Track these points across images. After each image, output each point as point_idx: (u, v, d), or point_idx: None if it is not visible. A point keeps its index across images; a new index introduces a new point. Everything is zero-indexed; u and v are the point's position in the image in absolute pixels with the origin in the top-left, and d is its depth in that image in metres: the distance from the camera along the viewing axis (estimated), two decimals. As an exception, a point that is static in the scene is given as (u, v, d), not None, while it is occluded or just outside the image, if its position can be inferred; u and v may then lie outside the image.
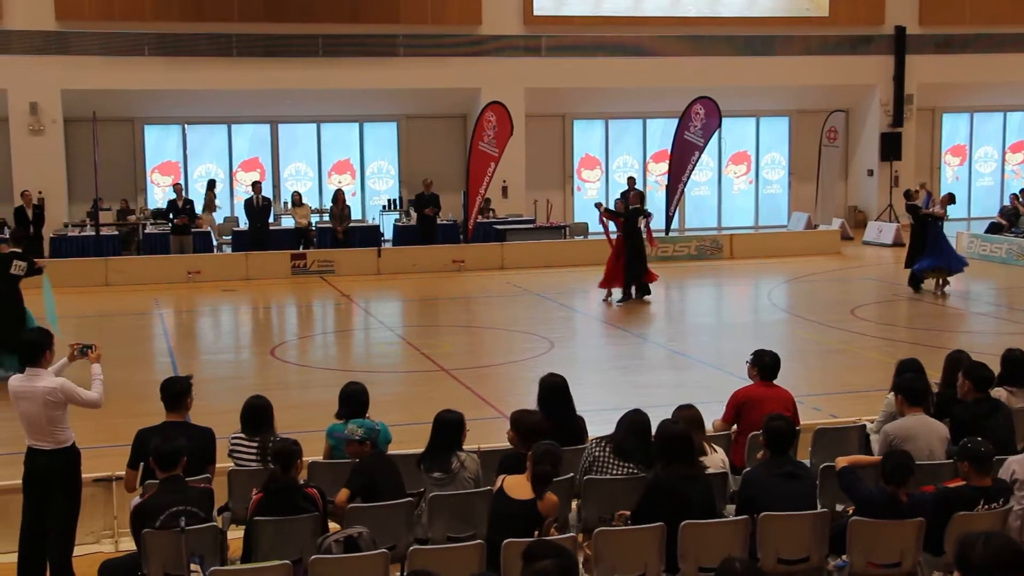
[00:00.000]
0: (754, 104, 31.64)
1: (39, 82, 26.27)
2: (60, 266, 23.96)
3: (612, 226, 20.31)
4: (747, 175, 32.74)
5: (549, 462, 7.37)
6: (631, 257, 19.98)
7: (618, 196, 22.31)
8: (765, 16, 30.70)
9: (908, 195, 22.84)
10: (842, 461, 8.13)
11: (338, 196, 26.69)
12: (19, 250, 15.41)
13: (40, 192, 25.34)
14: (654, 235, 21.25)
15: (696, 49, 29.83)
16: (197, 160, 29.30)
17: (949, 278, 20.70)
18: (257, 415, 8.73)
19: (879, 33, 31.25)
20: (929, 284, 20.79)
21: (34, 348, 8.46)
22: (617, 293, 20.28)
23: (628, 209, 20.36)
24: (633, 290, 20.30)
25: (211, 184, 27.27)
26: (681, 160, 27.06)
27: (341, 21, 27.54)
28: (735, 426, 9.40)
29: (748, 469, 8.21)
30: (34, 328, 8.62)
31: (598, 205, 21.05)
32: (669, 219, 27.68)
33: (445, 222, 27.17)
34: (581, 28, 29.40)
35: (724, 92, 27.80)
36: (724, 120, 27.58)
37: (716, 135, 27.82)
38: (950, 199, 21.52)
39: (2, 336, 14.45)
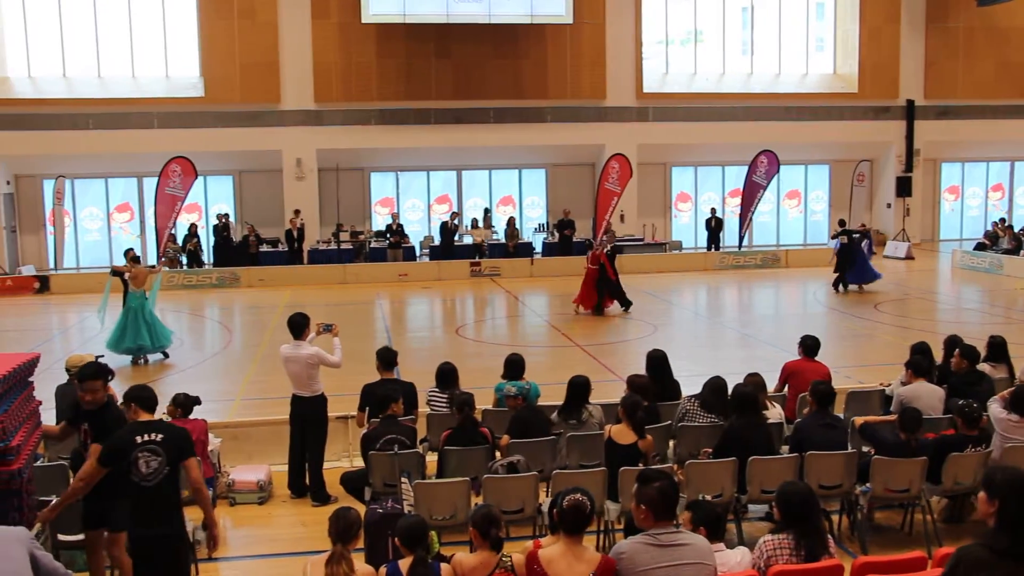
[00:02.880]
0: (803, 156, 30.86)
1: (302, 144, 27.04)
2: (314, 270, 24.84)
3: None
4: (798, 206, 32.01)
5: (640, 410, 7.29)
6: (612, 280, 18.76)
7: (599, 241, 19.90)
8: (811, 92, 30.00)
9: (842, 223, 22.44)
10: (858, 421, 8.07)
11: (510, 222, 27.10)
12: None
13: (301, 219, 26.06)
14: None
15: (761, 116, 29.29)
16: (406, 196, 29.74)
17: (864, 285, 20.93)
18: (447, 375, 8.85)
19: (895, 104, 30.29)
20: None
21: (300, 327, 8.72)
22: (599, 307, 18.77)
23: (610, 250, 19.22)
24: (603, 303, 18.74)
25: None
26: (750, 196, 26.63)
27: (507, 97, 27.71)
28: (785, 389, 9.26)
29: (798, 420, 8.08)
30: (297, 313, 8.83)
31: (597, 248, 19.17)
32: (741, 238, 27.25)
33: (579, 240, 27.12)
34: (678, 101, 29.09)
35: (781, 147, 27.20)
36: (781, 167, 27.01)
37: (775, 178, 27.29)
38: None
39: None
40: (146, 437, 5.59)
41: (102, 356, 9.07)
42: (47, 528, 5.92)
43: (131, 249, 16.09)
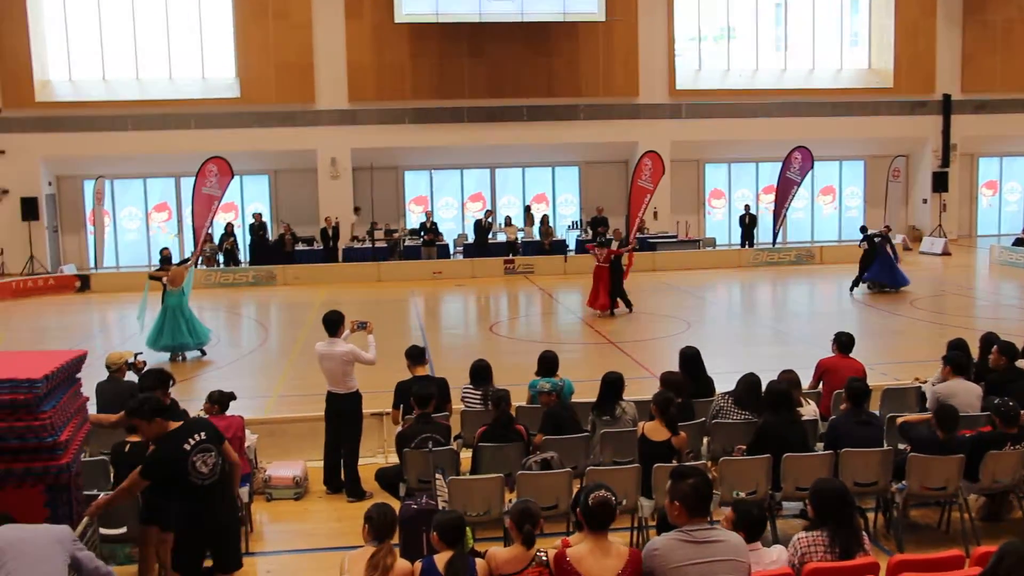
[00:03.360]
0: (838, 151, 30.53)
1: (337, 143, 27.21)
2: (349, 268, 24.98)
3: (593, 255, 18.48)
4: (833, 203, 31.67)
5: (672, 406, 7.26)
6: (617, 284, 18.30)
7: (600, 240, 19.42)
8: (846, 87, 29.67)
9: (863, 229, 21.83)
10: (899, 420, 7.96)
11: (544, 219, 27.14)
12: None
13: (336, 218, 26.21)
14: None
15: (795, 112, 29.01)
16: (440, 195, 29.79)
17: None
18: (481, 372, 8.87)
19: (931, 99, 29.82)
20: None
21: (335, 324, 8.77)
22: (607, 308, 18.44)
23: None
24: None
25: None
26: (784, 192, 26.43)
27: (540, 96, 27.70)
28: (820, 385, 9.19)
29: (833, 417, 8.01)
30: (332, 310, 8.89)
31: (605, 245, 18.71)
32: (775, 235, 27.04)
33: (612, 237, 27.01)
34: (711, 97, 28.92)
35: (816, 143, 26.97)
36: (816, 163, 26.77)
37: (810, 174, 27.04)
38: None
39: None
40: (194, 440, 5.66)
41: (141, 353, 9.20)
42: (95, 522, 6.02)
43: (166, 248, 16.29)
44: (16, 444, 5.40)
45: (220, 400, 8.03)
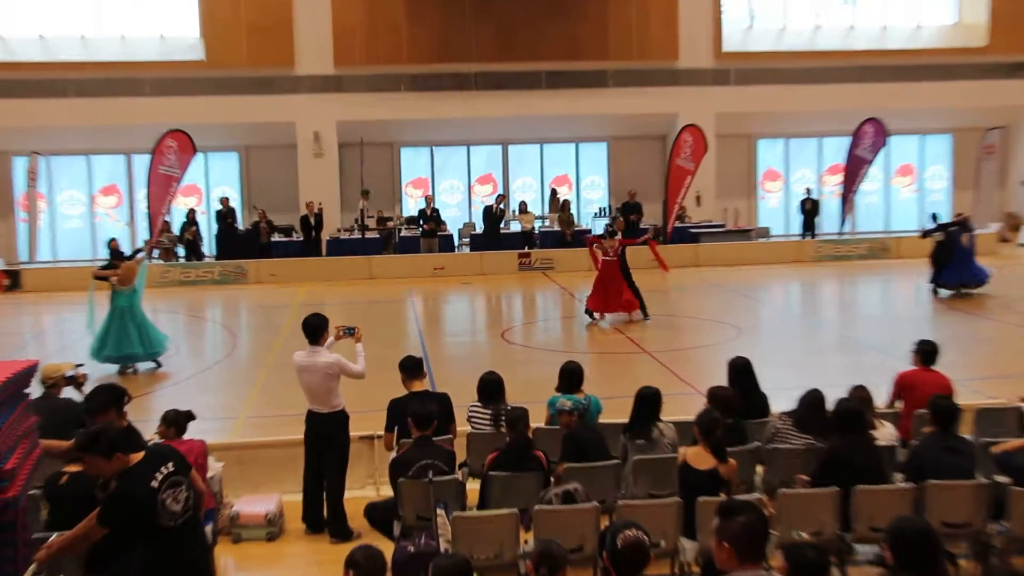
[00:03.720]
0: (919, 123, 30.46)
1: (320, 115, 27.30)
2: (334, 263, 25.02)
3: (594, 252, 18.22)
4: (912, 185, 31.63)
5: (719, 428, 7.18)
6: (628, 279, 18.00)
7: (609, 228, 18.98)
8: (927, 47, 29.55)
9: (934, 217, 21.06)
10: (996, 449, 7.82)
11: (565, 205, 27.18)
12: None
13: (320, 203, 26.24)
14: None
15: (866, 77, 28.95)
16: (442, 176, 29.87)
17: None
18: (491, 388, 8.80)
19: (1034, 59, 29.70)
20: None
21: (315, 330, 8.72)
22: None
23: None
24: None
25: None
26: (853, 173, 26.44)
27: (561, 59, 27.69)
28: (899, 404, 9.10)
29: (915, 442, 7.94)
30: (314, 314, 8.84)
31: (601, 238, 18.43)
32: (842, 224, 27.08)
33: (647, 226, 26.99)
34: (765, 61, 28.89)
35: (891, 114, 26.91)
36: (891, 138, 26.68)
37: (883, 151, 26.94)
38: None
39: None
40: (161, 473, 5.49)
41: (82, 365, 9.17)
42: (44, 569, 5.94)
43: (114, 239, 16.13)
44: None
45: (176, 421, 7.98)
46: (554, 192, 28.75)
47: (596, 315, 17.89)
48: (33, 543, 5.94)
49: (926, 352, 9.20)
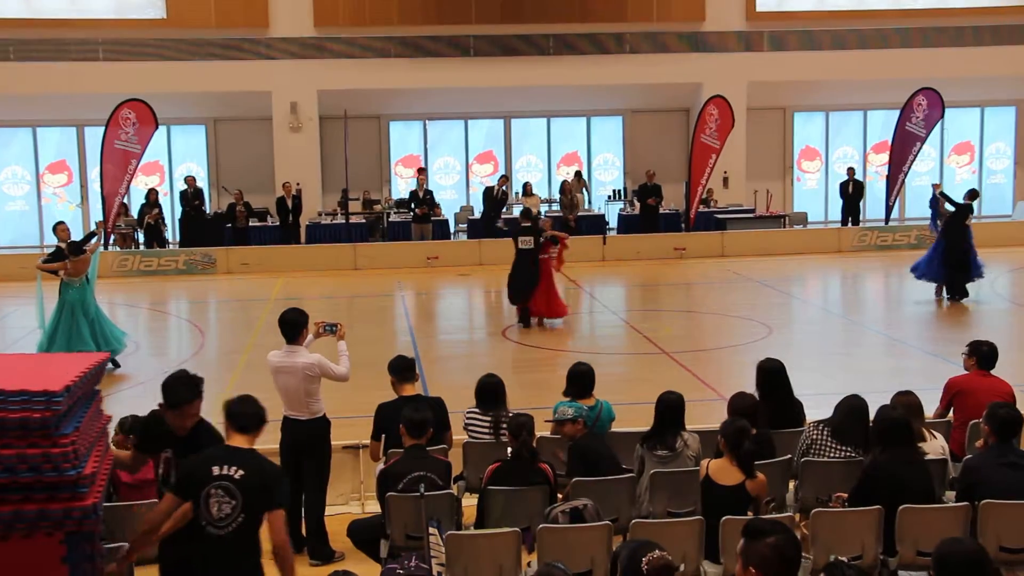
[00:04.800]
0: (979, 94, 30.38)
1: (298, 84, 27.28)
2: (314, 251, 25.05)
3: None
4: (970, 165, 31.58)
5: (747, 439, 7.22)
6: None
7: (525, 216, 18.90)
8: (990, 6, 29.41)
9: (973, 194, 20.22)
10: None
11: (564, 187, 26.94)
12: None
13: (298, 184, 26.24)
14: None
15: (919, 41, 28.84)
16: (436, 153, 29.86)
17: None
18: (490, 392, 8.85)
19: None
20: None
21: (293, 327, 8.75)
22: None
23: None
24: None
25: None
26: (902, 151, 26.32)
27: (571, 21, 27.68)
28: (951, 413, 9.12)
29: (969, 456, 7.94)
30: (292, 308, 8.89)
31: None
32: (889, 209, 26.96)
33: (667, 211, 27.04)
34: (804, 22, 28.83)
35: (947, 83, 26.78)
36: (947, 110, 26.61)
37: (938, 126, 26.89)
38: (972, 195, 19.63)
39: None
40: (224, 470, 5.87)
41: None
42: None
43: (61, 223, 15.72)
44: (29, 479, 5.22)
45: (134, 428, 8.01)
46: (578, 175, 28.40)
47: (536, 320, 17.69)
48: (108, 554, 6.01)
49: (983, 354, 9.17)
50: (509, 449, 7.86)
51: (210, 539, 5.85)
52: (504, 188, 26.66)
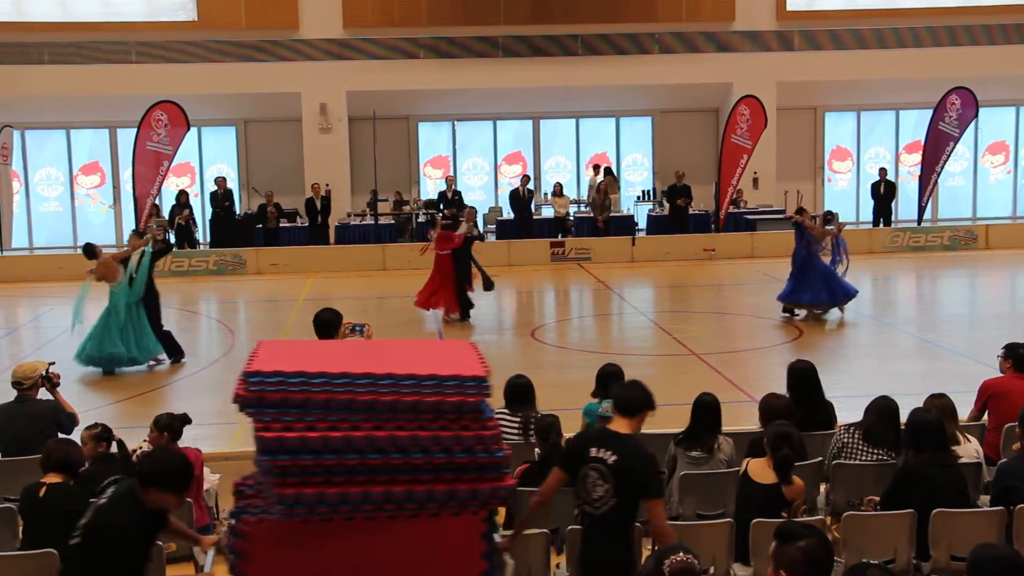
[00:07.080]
0: (1014, 93, 30.12)
1: (328, 85, 27.36)
2: (344, 252, 25.11)
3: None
4: (1005, 165, 31.33)
5: (787, 445, 7.19)
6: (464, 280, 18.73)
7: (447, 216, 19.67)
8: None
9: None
10: None
11: (599, 187, 26.93)
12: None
13: (327, 185, 26.35)
14: None
15: (953, 39, 28.64)
16: (465, 154, 29.89)
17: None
18: (520, 393, 8.86)
19: None
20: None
21: (328, 326, 8.77)
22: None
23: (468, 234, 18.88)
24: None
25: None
26: (935, 150, 26.20)
27: (600, 21, 27.67)
28: (985, 417, 9.06)
29: (1004, 460, 7.89)
30: (327, 308, 8.90)
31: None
32: (921, 209, 26.81)
33: (697, 212, 26.98)
34: (835, 22, 28.71)
35: (982, 82, 26.60)
36: (981, 110, 26.44)
37: (972, 125, 26.72)
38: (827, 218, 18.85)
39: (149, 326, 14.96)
40: (599, 452, 6.03)
41: (54, 363, 9.28)
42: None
43: (91, 245, 15.47)
44: (463, 459, 5.49)
45: (170, 426, 8.06)
46: (608, 171, 28.19)
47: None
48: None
49: (1019, 356, 9.12)
50: (537, 450, 7.85)
51: (590, 518, 6.11)
52: (530, 188, 26.64)
